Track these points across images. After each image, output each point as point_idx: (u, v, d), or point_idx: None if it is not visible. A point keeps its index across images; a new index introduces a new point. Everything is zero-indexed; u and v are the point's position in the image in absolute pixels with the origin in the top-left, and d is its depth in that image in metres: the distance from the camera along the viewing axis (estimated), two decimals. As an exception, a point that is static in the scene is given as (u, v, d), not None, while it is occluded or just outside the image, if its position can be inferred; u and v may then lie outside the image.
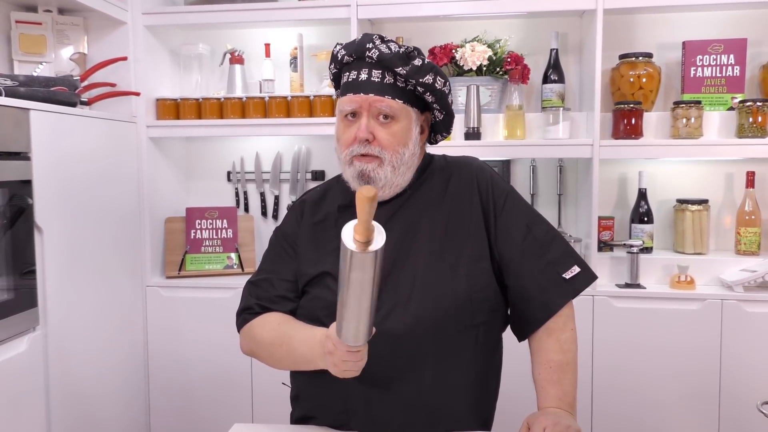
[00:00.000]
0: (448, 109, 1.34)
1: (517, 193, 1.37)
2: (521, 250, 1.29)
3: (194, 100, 2.53)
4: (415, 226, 1.30)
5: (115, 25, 2.41)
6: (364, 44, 1.27)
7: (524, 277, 1.29)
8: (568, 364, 1.27)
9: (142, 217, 2.47)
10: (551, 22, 2.54)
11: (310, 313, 1.31)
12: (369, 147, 1.26)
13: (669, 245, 2.53)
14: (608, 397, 2.26)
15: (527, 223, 1.31)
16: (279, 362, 1.32)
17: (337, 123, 1.33)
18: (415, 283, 1.26)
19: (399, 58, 1.25)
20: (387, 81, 1.26)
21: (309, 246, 1.36)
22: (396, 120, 1.27)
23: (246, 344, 1.38)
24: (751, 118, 2.23)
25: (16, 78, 1.91)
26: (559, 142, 2.33)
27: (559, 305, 1.28)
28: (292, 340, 1.26)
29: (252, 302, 1.37)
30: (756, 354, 2.16)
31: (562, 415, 1.22)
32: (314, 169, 2.75)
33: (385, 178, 1.27)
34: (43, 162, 1.87)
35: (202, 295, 2.47)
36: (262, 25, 2.63)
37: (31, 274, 1.84)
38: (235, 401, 2.48)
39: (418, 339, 1.23)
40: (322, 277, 1.31)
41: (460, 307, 1.25)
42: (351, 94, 1.28)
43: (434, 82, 1.27)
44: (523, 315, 1.31)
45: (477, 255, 1.28)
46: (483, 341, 1.28)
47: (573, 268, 1.29)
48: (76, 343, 2.03)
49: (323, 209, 1.38)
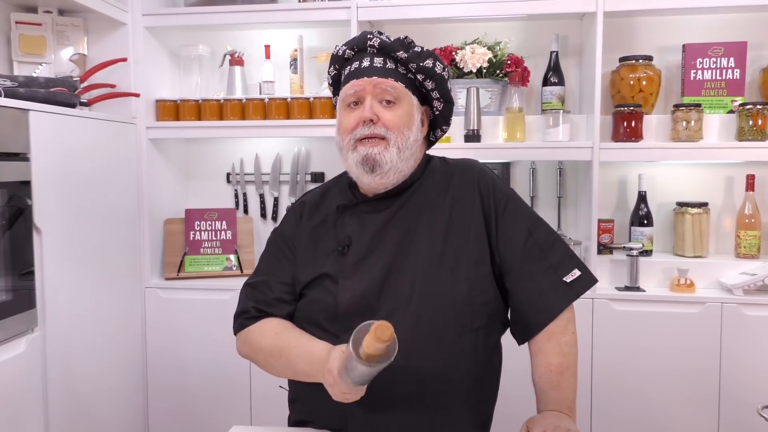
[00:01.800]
0: (448, 96, 1.34)
1: (518, 197, 1.35)
2: (522, 254, 1.28)
3: (194, 101, 2.53)
4: (415, 228, 1.29)
5: (115, 26, 2.41)
6: (364, 36, 1.29)
7: (525, 280, 1.28)
8: (569, 367, 1.27)
9: (142, 219, 2.47)
10: (551, 24, 2.54)
11: (309, 316, 1.30)
12: (374, 127, 1.25)
13: (669, 248, 2.52)
14: (608, 400, 2.26)
15: (528, 227, 1.30)
16: (277, 372, 1.30)
17: (339, 115, 1.32)
18: (414, 286, 1.24)
19: (400, 44, 1.28)
20: (389, 66, 1.28)
21: (308, 248, 1.34)
22: (399, 104, 1.27)
23: (243, 349, 1.36)
24: (751, 121, 2.23)
25: (15, 79, 1.90)
26: (559, 145, 2.33)
27: (559, 309, 1.27)
28: (291, 352, 1.24)
29: (249, 306, 1.35)
30: (756, 357, 2.16)
31: (561, 418, 1.21)
32: (314, 171, 2.74)
33: (391, 162, 1.25)
34: (42, 163, 1.87)
35: (201, 297, 2.47)
36: (262, 26, 2.63)
37: (30, 275, 1.84)
38: (234, 403, 2.47)
39: (417, 342, 1.21)
40: (321, 279, 1.29)
41: (460, 311, 1.24)
42: (354, 80, 1.28)
43: (434, 66, 1.28)
44: (523, 318, 1.30)
45: (477, 258, 1.27)
46: (482, 345, 1.27)
47: (574, 272, 1.28)
48: (75, 345, 2.03)
49: (322, 210, 1.37)
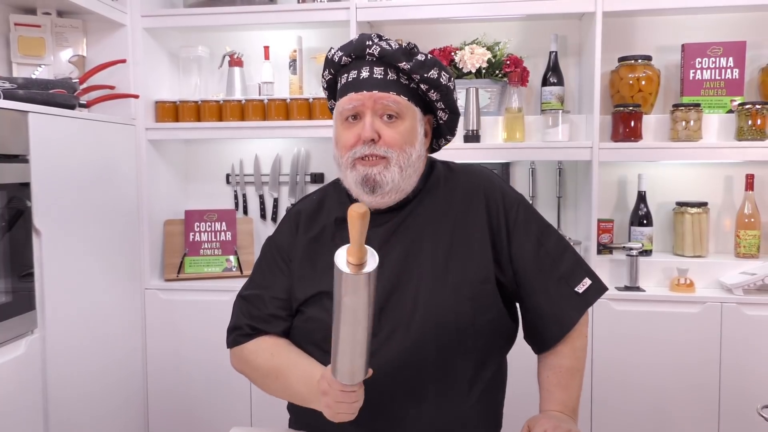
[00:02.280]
0: (453, 107, 1.26)
1: (527, 203, 1.31)
2: (534, 266, 1.24)
3: (193, 102, 2.53)
4: (417, 244, 1.22)
5: (114, 28, 2.41)
6: (363, 42, 1.19)
7: (538, 294, 1.25)
8: (579, 370, 1.27)
9: (141, 220, 2.47)
10: (550, 24, 2.54)
11: (307, 335, 1.25)
12: (374, 147, 1.17)
13: (668, 248, 2.52)
14: (608, 400, 2.26)
15: (539, 237, 1.26)
16: (272, 392, 1.26)
17: (336, 127, 1.24)
18: (416, 306, 1.18)
19: (402, 53, 1.18)
20: (390, 77, 1.19)
21: (304, 263, 1.27)
22: (401, 118, 1.19)
23: (237, 365, 1.32)
24: (750, 121, 2.23)
25: (14, 80, 1.90)
26: (559, 145, 2.33)
27: (573, 321, 1.25)
28: (288, 375, 1.20)
29: (243, 322, 1.30)
30: (756, 357, 2.16)
31: (563, 418, 1.21)
32: (313, 172, 2.74)
33: (392, 182, 1.18)
34: (41, 164, 1.86)
35: (201, 298, 2.47)
36: (261, 27, 2.63)
37: (29, 277, 1.83)
38: (234, 405, 2.47)
39: (419, 362, 1.17)
40: (319, 297, 1.23)
41: (463, 331, 1.18)
42: (352, 93, 1.19)
43: (439, 77, 1.20)
44: (538, 332, 1.28)
45: (482, 276, 1.21)
46: (486, 363, 1.23)
47: (584, 281, 1.26)
48: (75, 347, 2.02)
49: (319, 222, 1.30)
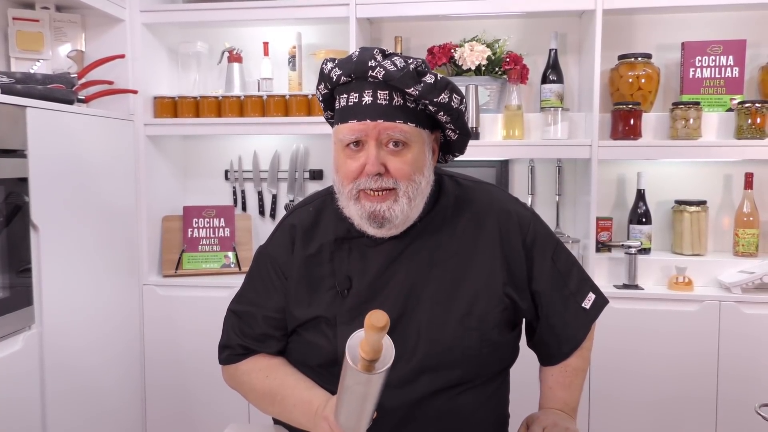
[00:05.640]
0: (464, 130, 1.17)
1: (540, 221, 1.27)
2: (550, 285, 1.22)
3: (192, 98, 2.52)
4: (422, 271, 1.16)
5: (113, 23, 2.40)
6: (365, 62, 1.06)
7: (551, 315, 1.23)
8: (583, 370, 1.27)
9: (139, 216, 2.46)
10: (550, 22, 2.54)
11: (304, 360, 1.21)
12: (381, 180, 1.08)
13: (667, 246, 2.52)
14: (605, 399, 2.26)
15: (552, 255, 1.23)
16: (268, 413, 1.25)
17: (336, 152, 1.13)
18: (420, 336, 1.13)
19: (410, 76, 1.05)
20: (396, 103, 1.07)
21: (301, 284, 1.20)
22: (409, 146, 1.09)
23: (231, 383, 1.31)
24: (749, 120, 2.22)
25: (12, 75, 1.90)
26: (558, 143, 2.33)
27: (582, 338, 1.26)
28: (285, 401, 1.18)
29: (235, 342, 1.27)
30: (754, 356, 2.16)
31: (562, 416, 1.22)
32: (312, 168, 2.74)
33: (401, 214, 1.10)
34: (39, 159, 1.86)
35: (199, 294, 2.47)
36: (260, 23, 2.62)
37: (27, 272, 1.83)
38: (232, 401, 2.46)
39: (421, 394, 1.13)
40: (317, 321, 1.17)
41: (468, 362, 1.14)
42: (354, 122, 1.08)
43: (450, 101, 1.09)
44: (547, 349, 1.28)
45: (492, 304, 1.16)
46: (489, 390, 1.20)
47: (589, 296, 1.25)
48: (72, 342, 2.02)
49: (317, 239, 1.21)
